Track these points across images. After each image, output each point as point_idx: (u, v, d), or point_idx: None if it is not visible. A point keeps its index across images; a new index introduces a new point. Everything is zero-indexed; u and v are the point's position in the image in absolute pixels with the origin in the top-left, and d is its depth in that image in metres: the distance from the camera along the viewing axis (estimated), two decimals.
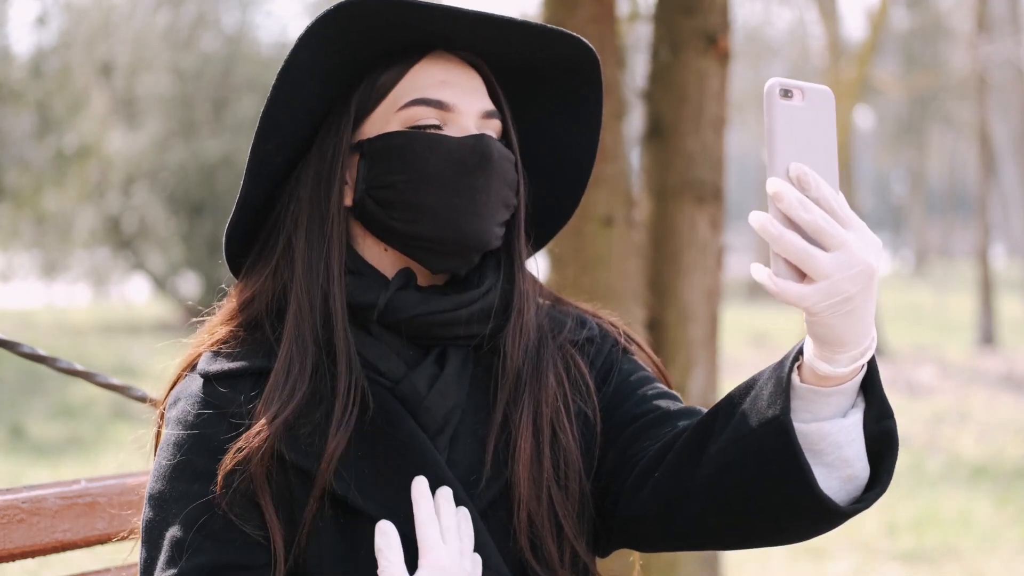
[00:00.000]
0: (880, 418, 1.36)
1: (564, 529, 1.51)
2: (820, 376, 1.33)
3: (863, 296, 1.27)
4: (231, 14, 19.28)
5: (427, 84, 1.50)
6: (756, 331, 17.38)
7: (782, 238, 1.25)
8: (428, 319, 1.50)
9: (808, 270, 1.25)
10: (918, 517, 6.98)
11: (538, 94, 1.61)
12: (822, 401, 1.34)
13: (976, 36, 16.78)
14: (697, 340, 3.27)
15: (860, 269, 1.26)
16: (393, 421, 1.49)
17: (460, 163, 1.48)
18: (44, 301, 21.22)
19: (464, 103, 1.51)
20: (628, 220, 3.19)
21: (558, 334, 1.60)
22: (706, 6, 3.22)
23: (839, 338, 1.29)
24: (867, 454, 1.37)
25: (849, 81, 10.38)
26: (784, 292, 1.26)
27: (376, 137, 1.50)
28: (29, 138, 15.64)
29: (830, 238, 1.25)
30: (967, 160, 36.76)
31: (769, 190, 1.26)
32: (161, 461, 1.48)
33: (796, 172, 1.27)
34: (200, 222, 17.59)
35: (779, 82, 1.27)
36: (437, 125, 1.50)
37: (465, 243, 1.50)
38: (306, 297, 1.49)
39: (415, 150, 1.49)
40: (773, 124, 1.27)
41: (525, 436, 1.51)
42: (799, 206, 1.25)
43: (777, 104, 1.27)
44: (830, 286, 1.25)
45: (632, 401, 1.58)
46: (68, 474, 7.51)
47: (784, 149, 1.27)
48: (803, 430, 1.34)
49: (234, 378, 1.49)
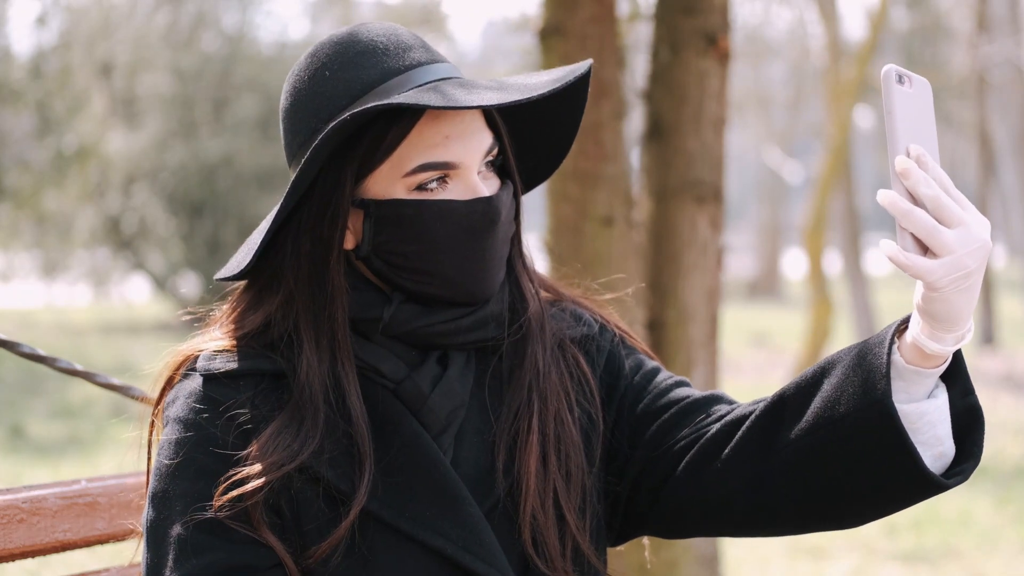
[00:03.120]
0: (965, 394, 1.41)
1: (567, 523, 1.52)
2: (925, 356, 1.36)
3: (979, 273, 1.32)
4: (231, 14, 19.27)
5: (432, 143, 1.47)
6: (756, 331, 17.37)
7: (912, 213, 1.30)
8: (429, 330, 1.51)
9: (934, 245, 1.30)
10: (918, 517, 6.98)
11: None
12: (920, 382, 1.38)
13: (976, 36, 16.77)
14: (697, 340, 3.27)
15: (979, 245, 1.31)
16: (395, 422, 1.49)
17: (469, 229, 1.49)
18: (44, 301, 21.21)
19: (468, 157, 1.49)
20: (628, 220, 3.18)
21: (557, 329, 1.61)
22: (706, 6, 3.22)
23: (954, 314, 1.33)
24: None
25: (849, 81, 10.37)
26: (914, 265, 1.30)
27: (384, 203, 1.48)
28: (29, 138, 15.64)
29: (952, 215, 1.31)
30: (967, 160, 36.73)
31: (897, 167, 1.31)
32: (162, 460, 1.47)
33: (916, 152, 1.33)
34: (200, 222, 17.59)
35: (895, 68, 1.33)
36: (443, 178, 1.48)
37: (474, 300, 1.52)
38: (314, 349, 1.49)
39: (425, 220, 1.48)
40: (893, 107, 1.33)
41: (533, 431, 1.52)
42: (924, 183, 1.31)
43: (895, 88, 1.33)
44: (954, 261, 1.30)
45: (652, 394, 1.60)
46: (68, 474, 7.51)
47: (903, 130, 1.33)
48: (904, 410, 1.37)
49: (235, 378, 1.49)
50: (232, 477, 1.43)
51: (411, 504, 1.46)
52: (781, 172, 22.51)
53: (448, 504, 1.47)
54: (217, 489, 1.43)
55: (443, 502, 1.47)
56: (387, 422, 1.49)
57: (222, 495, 1.42)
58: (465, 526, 1.46)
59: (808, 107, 25.96)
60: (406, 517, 1.45)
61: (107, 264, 19.45)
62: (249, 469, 1.43)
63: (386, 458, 1.48)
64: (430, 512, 1.46)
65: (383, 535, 1.46)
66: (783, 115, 27.74)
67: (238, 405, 1.47)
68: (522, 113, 1.59)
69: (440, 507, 1.47)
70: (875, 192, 1.33)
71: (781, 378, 11.60)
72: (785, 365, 12.96)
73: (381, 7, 23.39)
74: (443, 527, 1.46)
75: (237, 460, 1.45)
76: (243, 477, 1.43)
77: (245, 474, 1.43)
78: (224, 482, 1.43)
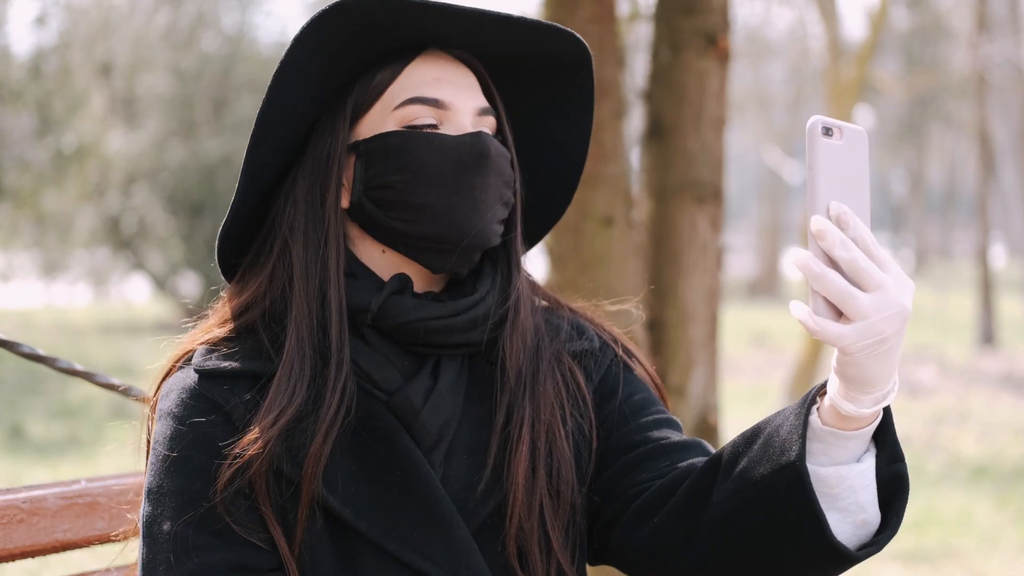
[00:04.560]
0: (891, 461, 1.36)
1: (552, 540, 1.51)
2: (843, 417, 1.32)
3: (896, 338, 1.27)
4: (231, 14, 19.27)
5: (422, 83, 1.50)
6: (756, 331, 17.37)
7: (824, 277, 1.25)
8: (422, 325, 1.49)
9: (848, 310, 1.25)
10: (918, 517, 6.98)
11: (531, 92, 1.61)
12: (841, 444, 1.34)
13: (976, 36, 16.78)
14: (697, 340, 3.27)
15: (896, 311, 1.26)
16: (387, 437, 1.48)
17: (458, 162, 1.48)
18: (44, 301, 21.21)
19: (460, 100, 1.51)
20: (628, 220, 3.18)
21: (554, 339, 1.59)
22: (706, 6, 3.22)
23: (869, 378, 1.28)
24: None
25: (849, 81, 10.37)
26: (824, 331, 1.26)
27: (372, 137, 1.49)
28: (29, 138, 15.62)
29: (869, 279, 1.25)
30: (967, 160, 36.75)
31: (812, 228, 1.26)
32: (158, 454, 1.47)
33: (836, 211, 1.27)
34: (200, 222, 17.58)
35: (821, 120, 1.27)
36: (433, 124, 1.50)
37: (466, 240, 1.49)
38: (304, 302, 1.48)
39: (412, 149, 1.48)
40: (815, 162, 1.27)
41: (523, 447, 1.50)
42: (841, 245, 1.25)
43: (819, 142, 1.27)
44: (868, 327, 1.25)
45: (633, 425, 1.57)
46: (68, 474, 7.50)
47: (825, 187, 1.27)
48: (821, 473, 1.34)
49: (230, 378, 1.48)
50: (234, 453, 1.42)
51: (399, 525, 1.45)
52: (781, 172, 22.51)
53: (436, 525, 1.46)
54: (213, 488, 1.42)
55: (431, 523, 1.46)
56: (380, 439, 1.48)
57: (227, 471, 1.42)
58: (452, 549, 1.45)
59: (808, 107, 25.98)
60: (393, 537, 1.44)
61: (107, 264, 19.45)
62: (248, 438, 1.42)
63: (377, 476, 1.47)
64: (417, 533, 1.45)
65: (370, 554, 1.45)
66: (783, 115, 27.76)
67: (233, 406, 1.46)
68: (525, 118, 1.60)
69: (428, 528, 1.45)
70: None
71: (781, 378, 11.60)
72: (785, 365, 12.96)
73: None
74: (430, 550, 1.45)
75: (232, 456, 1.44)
76: (243, 447, 1.42)
77: (245, 443, 1.42)
78: (226, 462, 1.42)
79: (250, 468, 1.42)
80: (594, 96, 1.62)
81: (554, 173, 1.66)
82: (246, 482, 1.42)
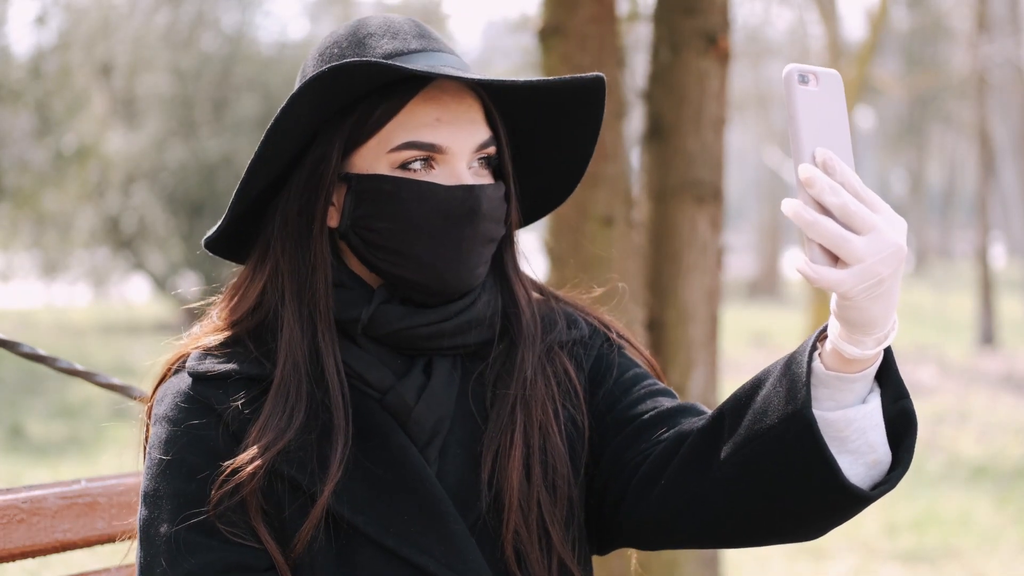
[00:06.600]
0: (897, 398, 1.37)
1: (552, 537, 1.51)
2: (846, 361, 1.32)
3: (893, 278, 1.27)
4: (231, 14, 19.25)
5: (421, 124, 1.47)
6: (756, 331, 17.37)
7: (817, 224, 1.25)
8: (412, 332, 1.50)
9: (843, 255, 1.25)
10: (918, 517, 6.98)
11: (541, 108, 1.58)
12: (846, 388, 1.34)
13: (976, 36, 16.78)
14: (697, 340, 3.27)
15: (892, 251, 1.26)
16: (383, 434, 1.48)
17: (447, 215, 1.47)
18: (44, 301, 21.19)
19: (458, 143, 1.48)
20: (628, 220, 3.19)
21: (547, 335, 1.59)
22: (706, 6, 3.22)
23: (870, 320, 1.28)
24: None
25: (849, 81, 10.37)
26: (822, 278, 1.25)
27: (365, 177, 1.48)
28: (29, 138, 15.61)
29: (861, 221, 1.25)
30: (967, 160, 36.74)
31: (800, 176, 1.25)
32: (153, 458, 1.47)
33: (822, 157, 1.26)
34: (200, 222, 17.57)
35: (797, 68, 1.27)
36: (428, 162, 1.48)
37: (447, 289, 1.50)
38: (296, 319, 1.49)
39: (403, 199, 1.47)
40: (796, 111, 1.26)
41: (516, 444, 1.50)
42: (830, 191, 1.25)
43: (797, 90, 1.27)
44: (864, 269, 1.25)
45: (626, 401, 1.57)
46: (68, 474, 7.51)
47: (808, 135, 1.27)
48: (829, 418, 1.34)
49: (224, 380, 1.49)
50: (228, 469, 1.43)
51: (396, 520, 1.45)
52: (781, 172, 22.51)
53: (433, 520, 1.46)
54: (209, 487, 1.43)
55: (428, 518, 1.46)
56: (375, 435, 1.48)
57: (219, 488, 1.42)
58: (449, 543, 1.45)
59: None
60: (391, 533, 1.45)
61: (107, 264, 19.43)
62: (243, 456, 1.43)
63: (373, 473, 1.47)
64: (415, 528, 1.46)
65: (368, 549, 1.45)
66: (783, 115, 27.75)
67: (226, 408, 1.47)
68: (528, 125, 1.59)
69: (424, 523, 1.46)
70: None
71: None
72: None
73: (381, 7, 23.40)
74: (427, 544, 1.45)
75: (228, 459, 1.45)
76: (239, 465, 1.43)
77: (240, 461, 1.43)
78: (219, 476, 1.43)
79: (243, 488, 1.43)
80: (604, 110, 1.60)
81: (556, 172, 1.65)
82: (239, 500, 1.43)
